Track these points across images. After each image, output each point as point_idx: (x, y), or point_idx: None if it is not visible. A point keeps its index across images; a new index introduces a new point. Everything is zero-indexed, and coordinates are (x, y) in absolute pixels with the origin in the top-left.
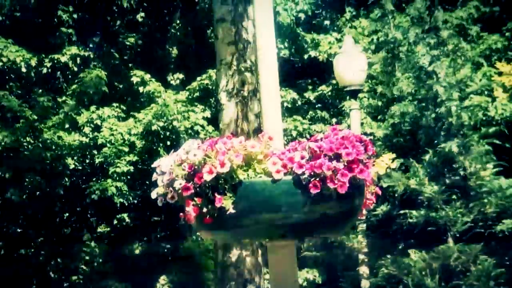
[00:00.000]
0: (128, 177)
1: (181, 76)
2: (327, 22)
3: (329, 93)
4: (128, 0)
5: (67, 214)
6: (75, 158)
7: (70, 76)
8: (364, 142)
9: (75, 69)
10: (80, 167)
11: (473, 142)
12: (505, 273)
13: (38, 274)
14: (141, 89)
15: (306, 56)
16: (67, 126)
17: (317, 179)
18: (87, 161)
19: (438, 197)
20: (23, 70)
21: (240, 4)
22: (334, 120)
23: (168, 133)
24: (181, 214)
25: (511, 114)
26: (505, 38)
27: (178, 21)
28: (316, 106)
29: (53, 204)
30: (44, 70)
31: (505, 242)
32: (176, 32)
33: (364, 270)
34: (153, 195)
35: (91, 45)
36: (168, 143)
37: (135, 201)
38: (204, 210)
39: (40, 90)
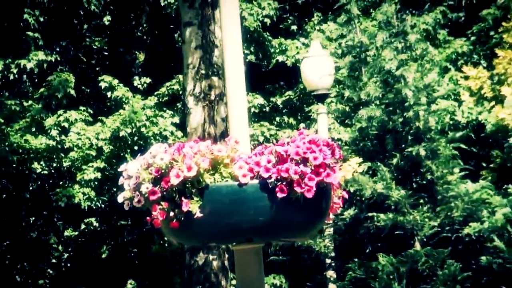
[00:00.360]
0: (96, 183)
1: (148, 80)
2: (294, 27)
3: (297, 98)
4: (94, 3)
5: (33, 218)
6: (41, 162)
7: (36, 81)
8: (331, 146)
9: (37, 75)
10: (47, 171)
11: (440, 147)
12: (471, 277)
13: (4, 278)
14: (109, 94)
15: (273, 61)
16: (33, 129)
17: (284, 183)
18: (54, 165)
19: (405, 201)
20: None
21: (206, 8)
22: (302, 125)
23: (136, 138)
24: (147, 218)
25: (477, 117)
26: (471, 42)
27: (145, 25)
28: (284, 111)
29: (19, 208)
30: (11, 77)
31: (472, 246)
32: (143, 36)
33: (331, 274)
34: (120, 199)
35: (57, 49)
36: (136, 148)
37: (103, 205)
38: (171, 214)
39: (7, 94)
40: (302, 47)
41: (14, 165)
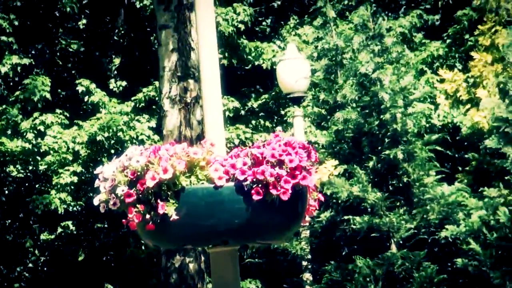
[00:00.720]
0: (72, 187)
1: (124, 83)
2: (270, 30)
3: (273, 101)
4: (70, 6)
5: (9, 221)
6: (17, 165)
7: (12, 84)
8: (307, 149)
9: (17, 79)
10: (22, 175)
11: (417, 149)
12: (447, 279)
13: None
14: (86, 98)
15: (249, 65)
16: (9, 132)
17: (260, 185)
18: (30, 168)
19: (381, 204)
20: None
21: (182, 11)
22: (278, 128)
23: (112, 142)
24: (123, 220)
25: (453, 120)
26: (446, 45)
27: (121, 28)
28: (259, 114)
29: None
30: None
31: (448, 249)
32: (119, 39)
33: (307, 276)
34: (96, 201)
35: (33, 52)
36: (113, 151)
37: (79, 208)
38: (147, 216)
39: None
40: (278, 50)
41: None
